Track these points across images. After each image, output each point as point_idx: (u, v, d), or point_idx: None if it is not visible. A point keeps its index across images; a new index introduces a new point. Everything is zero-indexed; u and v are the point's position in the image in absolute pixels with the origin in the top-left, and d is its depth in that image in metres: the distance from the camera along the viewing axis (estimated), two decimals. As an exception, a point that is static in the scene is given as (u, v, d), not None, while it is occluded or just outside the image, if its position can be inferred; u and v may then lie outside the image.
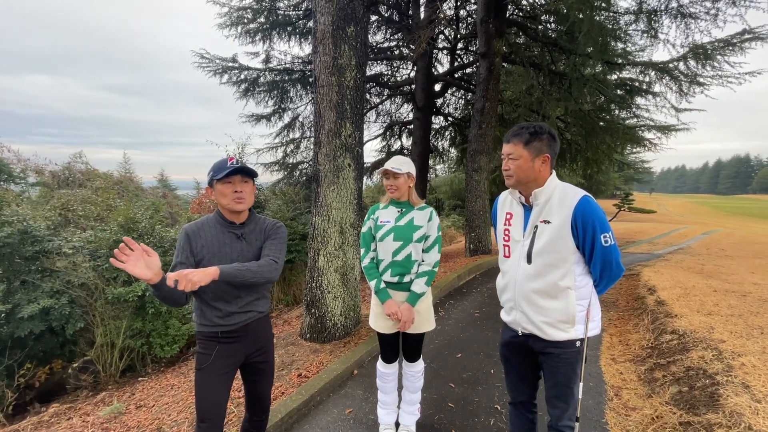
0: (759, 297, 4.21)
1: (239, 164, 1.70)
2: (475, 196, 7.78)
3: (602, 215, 1.52)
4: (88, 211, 5.96)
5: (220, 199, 1.70)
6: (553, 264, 1.57)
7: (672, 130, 8.53)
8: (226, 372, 1.74)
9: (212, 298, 1.70)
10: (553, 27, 7.98)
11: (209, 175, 1.72)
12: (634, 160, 28.81)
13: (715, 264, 7.20)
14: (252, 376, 1.87)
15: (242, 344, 1.77)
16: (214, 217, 1.76)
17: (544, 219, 1.58)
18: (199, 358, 1.73)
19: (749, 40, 6.21)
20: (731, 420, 2.03)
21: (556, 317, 1.58)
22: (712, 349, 2.87)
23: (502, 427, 2.49)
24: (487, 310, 4.88)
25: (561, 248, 1.54)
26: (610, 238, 1.52)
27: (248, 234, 1.77)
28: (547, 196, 1.58)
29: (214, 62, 8.49)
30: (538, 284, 1.60)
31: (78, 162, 11.71)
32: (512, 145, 1.59)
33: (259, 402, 1.92)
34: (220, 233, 1.72)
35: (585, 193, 1.55)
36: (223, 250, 1.70)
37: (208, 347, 1.72)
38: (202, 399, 1.70)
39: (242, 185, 1.71)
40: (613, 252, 1.54)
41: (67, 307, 4.28)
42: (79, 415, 3.27)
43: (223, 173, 1.64)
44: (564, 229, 1.53)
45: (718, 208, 60.21)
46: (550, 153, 1.58)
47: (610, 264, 1.55)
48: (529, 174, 1.58)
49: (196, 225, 1.72)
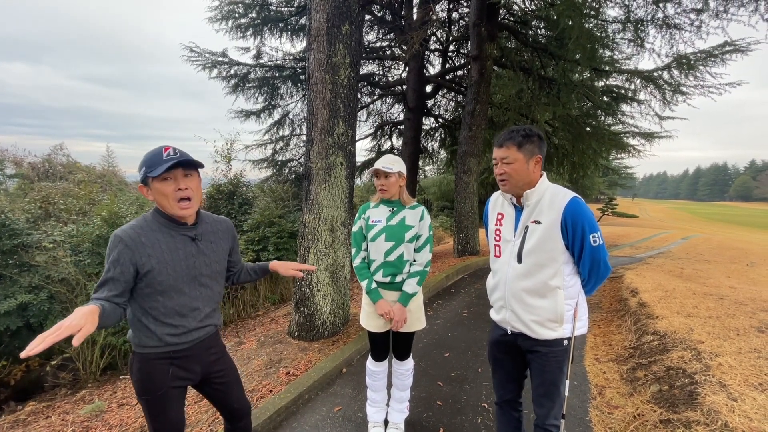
0: (735, 300, 4.36)
1: (177, 154, 1.38)
2: (464, 197, 7.86)
3: (591, 216, 1.56)
4: (70, 204, 5.81)
5: (160, 200, 1.40)
6: (543, 264, 1.59)
7: (655, 137, 8.78)
8: (181, 395, 1.55)
9: (165, 314, 1.43)
10: (543, 33, 8.12)
11: (141, 170, 1.38)
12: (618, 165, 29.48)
13: (694, 268, 7.43)
14: (219, 388, 1.67)
15: (197, 363, 1.55)
16: (154, 218, 1.44)
17: (534, 219, 1.60)
18: (146, 385, 1.46)
19: (730, 52, 6.44)
20: (709, 417, 2.10)
21: (545, 316, 1.61)
22: (691, 349, 2.96)
23: (489, 424, 2.52)
24: (475, 309, 4.93)
25: (551, 248, 1.57)
26: (598, 237, 1.55)
27: (203, 235, 1.54)
28: (538, 197, 1.60)
29: (203, 56, 8.37)
30: (527, 283, 1.63)
31: (59, 154, 11.42)
32: (505, 149, 1.60)
33: (239, 409, 1.75)
34: (168, 237, 1.43)
35: (575, 194, 1.57)
36: (176, 256, 1.43)
37: (158, 371, 1.46)
38: (161, 430, 1.50)
39: (186, 181, 1.41)
40: (602, 251, 1.57)
41: (46, 303, 4.17)
42: (58, 414, 3.17)
43: (161, 169, 1.33)
44: (554, 230, 1.55)
45: (697, 214, 62.13)
46: (542, 154, 1.61)
47: (599, 263, 1.58)
48: (524, 176, 1.60)
49: (133, 230, 1.38)
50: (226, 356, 1.72)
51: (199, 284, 1.53)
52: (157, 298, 1.42)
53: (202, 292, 1.54)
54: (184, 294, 1.47)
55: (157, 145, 1.44)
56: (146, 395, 1.47)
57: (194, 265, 1.49)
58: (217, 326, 1.64)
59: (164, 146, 1.40)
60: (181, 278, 1.46)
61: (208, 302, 1.57)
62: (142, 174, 1.38)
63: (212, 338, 1.63)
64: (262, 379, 3.09)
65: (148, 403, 1.48)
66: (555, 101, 7.74)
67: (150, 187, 1.39)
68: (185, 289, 1.48)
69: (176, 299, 1.45)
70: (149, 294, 1.41)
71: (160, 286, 1.41)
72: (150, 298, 1.42)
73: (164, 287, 1.42)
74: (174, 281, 1.44)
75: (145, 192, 1.43)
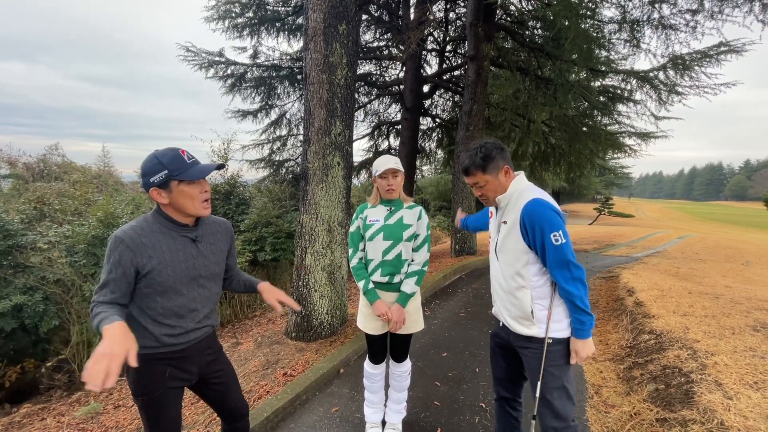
0: (730, 299, 4.39)
1: (193, 158, 1.44)
2: (462, 197, 7.86)
3: (549, 215, 1.54)
4: (65, 205, 5.77)
5: (183, 201, 1.41)
6: (509, 262, 1.67)
7: (651, 137, 8.82)
8: (178, 395, 1.55)
9: (163, 315, 1.44)
10: (540, 33, 8.14)
11: (160, 174, 1.36)
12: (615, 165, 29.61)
13: (689, 267, 7.47)
14: (217, 389, 1.66)
15: (194, 364, 1.55)
16: (155, 219, 1.45)
17: (504, 219, 1.69)
18: (143, 386, 1.45)
19: (725, 53, 6.48)
20: (705, 416, 2.11)
21: (516, 313, 1.67)
22: (687, 348, 2.98)
23: (486, 424, 2.53)
24: (473, 309, 4.94)
25: (513, 247, 1.64)
26: (560, 236, 1.52)
27: (203, 237, 1.55)
28: (507, 200, 1.68)
29: (200, 56, 8.32)
30: (501, 279, 1.73)
31: (54, 154, 11.34)
32: (473, 177, 1.70)
33: (237, 409, 1.74)
34: (169, 238, 1.44)
35: (536, 195, 1.59)
36: (176, 257, 1.44)
37: (155, 372, 1.45)
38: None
39: (205, 183, 1.48)
40: (565, 250, 1.53)
41: (41, 304, 4.13)
42: (54, 416, 3.15)
43: (197, 174, 1.40)
44: (515, 230, 1.61)
45: (693, 213, 62.50)
46: (508, 163, 1.69)
47: (566, 264, 1.53)
48: (499, 189, 1.69)
49: (134, 231, 1.38)
50: (223, 356, 1.72)
51: (197, 285, 1.53)
52: (156, 298, 1.42)
53: (200, 293, 1.54)
54: (183, 295, 1.47)
55: (154, 148, 1.45)
56: (143, 396, 1.46)
57: (194, 267, 1.49)
58: (214, 326, 1.64)
59: (179, 149, 1.42)
60: (180, 279, 1.46)
61: (206, 303, 1.57)
62: (163, 177, 1.36)
63: (209, 339, 1.63)
64: (259, 380, 3.08)
65: (144, 404, 1.47)
66: (552, 101, 7.77)
67: (170, 190, 1.39)
68: (184, 290, 1.48)
69: (175, 300, 1.45)
70: (148, 294, 1.41)
71: (159, 286, 1.41)
72: (149, 298, 1.42)
73: (164, 288, 1.42)
74: (173, 282, 1.44)
75: (157, 195, 1.40)
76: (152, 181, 1.37)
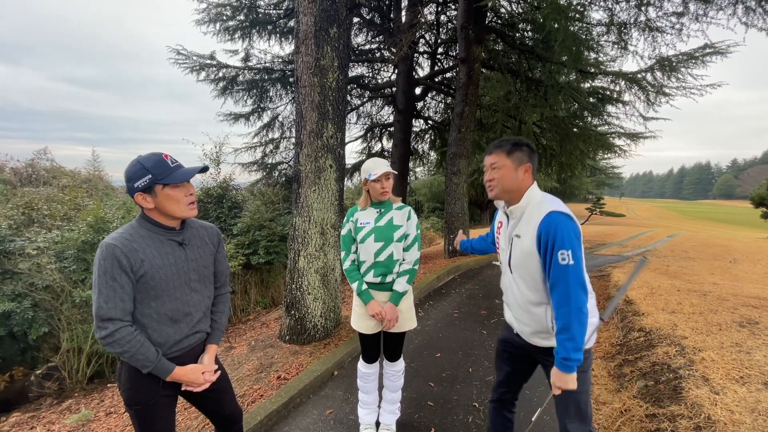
0: (718, 296, 4.47)
1: (177, 162, 1.46)
2: (454, 198, 7.91)
3: (566, 230, 1.42)
4: (55, 210, 5.69)
5: (168, 205, 1.43)
6: (525, 278, 1.59)
7: (640, 138, 8.94)
8: (172, 404, 1.54)
9: (157, 320, 1.44)
10: (530, 35, 8.23)
11: (144, 179, 1.38)
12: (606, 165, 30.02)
13: (678, 265, 7.58)
14: (210, 395, 1.64)
15: None
16: (140, 224, 1.45)
17: (516, 233, 1.61)
18: (136, 396, 1.44)
19: (710, 54, 6.61)
20: (692, 411, 2.16)
21: (534, 327, 1.61)
22: (676, 345, 3.03)
23: (480, 423, 2.55)
24: (466, 310, 4.97)
25: (530, 264, 1.55)
26: (568, 256, 1.38)
27: (190, 240, 1.56)
28: (521, 211, 1.59)
29: (191, 59, 8.29)
30: (517, 293, 1.65)
31: (42, 159, 11.20)
32: (495, 156, 1.62)
33: (230, 415, 1.74)
34: (157, 242, 1.45)
35: (555, 208, 1.47)
36: (166, 261, 1.45)
37: (148, 381, 1.44)
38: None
39: (190, 185, 1.50)
40: (570, 274, 1.38)
41: (30, 311, 4.07)
42: (43, 424, 3.11)
43: (181, 177, 1.42)
44: (532, 246, 1.51)
45: (682, 212, 63.42)
46: (532, 164, 1.61)
47: (566, 288, 1.39)
48: (513, 183, 1.59)
49: (124, 238, 1.38)
50: (216, 362, 1.70)
51: (190, 289, 1.53)
52: (150, 303, 1.42)
53: (193, 296, 1.55)
54: (177, 299, 1.48)
55: (144, 151, 1.46)
56: (135, 406, 1.45)
57: (184, 270, 1.50)
58: (207, 333, 1.65)
59: (162, 153, 1.44)
60: (172, 282, 1.47)
61: (199, 307, 1.57)
62: (148, 181, 1.38)
63: (202, 345, 1.64)
64: (253, 384, 3.07)
65: (137, 413, 1.46)
66: (542, 103, 7.85)
67: (155, 194, 1.41)
68: (177, 294, 1.48)
69: (169, 304, 1.45)
70: (141, 300, 1.41)
71: (153, 290, 1.41)
72: (142, 304, 1.42)
73: (157, 292, 1.43)
74: (166, 285, 1.45)
75: (143, 199, 1.41)
76: (137, 186, 1.39)
